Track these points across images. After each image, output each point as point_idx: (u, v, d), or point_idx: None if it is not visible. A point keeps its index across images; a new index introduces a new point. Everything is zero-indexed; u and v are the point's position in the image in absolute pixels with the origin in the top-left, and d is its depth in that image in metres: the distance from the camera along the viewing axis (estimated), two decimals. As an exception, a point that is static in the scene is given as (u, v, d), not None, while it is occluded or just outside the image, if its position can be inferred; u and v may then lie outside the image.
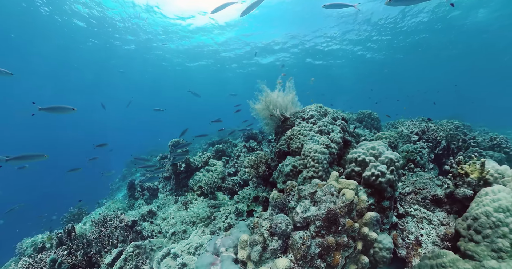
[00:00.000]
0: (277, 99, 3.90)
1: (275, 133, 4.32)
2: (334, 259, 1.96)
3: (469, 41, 19.01)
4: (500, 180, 2.48)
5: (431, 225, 2.68)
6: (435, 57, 23.15)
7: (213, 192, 5.20)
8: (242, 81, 29.11)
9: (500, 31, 17.19)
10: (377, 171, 2.64)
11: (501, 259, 1.88)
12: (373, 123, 6.40)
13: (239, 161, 6.29)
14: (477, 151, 4.71)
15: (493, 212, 2.05)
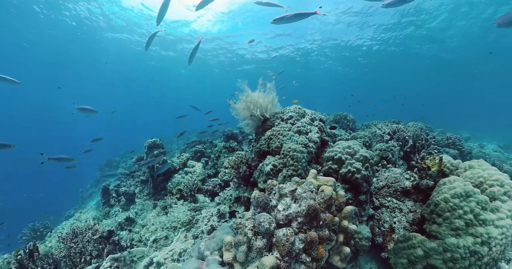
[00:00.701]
0: (258, 99, 3.91)
1: (256, 133, 4.33)
2: (318, 252, 2.03)
3: (433, 58, 21.23)
4: (454, 172, 2.83)
5: (402, 213, 2.96)
6: (405, 68, 25.39)
7: (193, 195, 5.03)
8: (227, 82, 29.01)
9: (462, 53, 19.55)
10: (353, 168, 2.79)
11: (458, 236, 2.24)
12: (349, 124, 6.73)
13: (219, 161, 6.15)
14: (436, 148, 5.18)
15: (450, 198, 2.38)
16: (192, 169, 5.87)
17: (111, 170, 11.94)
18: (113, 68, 24.93)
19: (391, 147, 4.60)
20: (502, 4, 12.92)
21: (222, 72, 27.17)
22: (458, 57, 21.15)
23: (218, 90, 32.72)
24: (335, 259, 2.24)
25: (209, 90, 39.34)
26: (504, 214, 2.22)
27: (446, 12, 14.19)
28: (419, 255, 2.33)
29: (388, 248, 2.69)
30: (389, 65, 24.25)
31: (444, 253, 2.21)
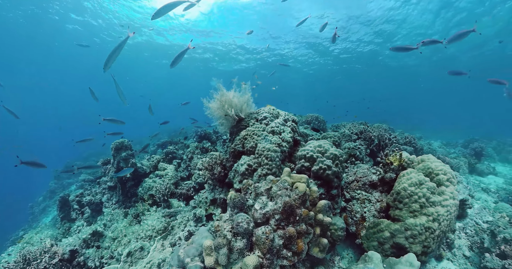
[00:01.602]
0: (233, 99, 3.87)
1: (230, 133, 4.29)
2: (298, 246, 2.10)
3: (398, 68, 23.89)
4: (411, 165, 3.30)
5: (371, 203, 3.26)
6: (372, 75, 27.81)
7: (166, 200, 4.75)
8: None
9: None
10: (324, 165, 2.94)
11: (415, 216, 2.70)
12: (320, 125, 7.07)
13: (192, 163, 5.84)
14: (397, 146, 5.71)
15: (408, 187, 2.83)
16: (163, 172, 5.50)
17: (71, 177, 10.66)
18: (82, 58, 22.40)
19: (358, 145, 4.93)
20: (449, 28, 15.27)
21: (198, 70, 26.38)
22: (418, 70, 24.29)
23: (196, 88, 31.68)
24: (314, 251, 2.35)
25: (187, 88, 37.67)
26: (448, 196, 2.75)
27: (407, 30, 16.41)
28: (387, 237, 2.68)
29: (361, 235, 2.96)
30: (357, 72, 26.21)
31: (405, 232, 2.61)
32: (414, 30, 16.28)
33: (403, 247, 2.56)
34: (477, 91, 34.88)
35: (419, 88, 34.36)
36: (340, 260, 2.90)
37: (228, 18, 15.91)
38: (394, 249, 2.64)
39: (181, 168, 6.01)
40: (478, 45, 17.61)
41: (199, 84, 27.25)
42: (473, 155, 7.78)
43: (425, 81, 29.50)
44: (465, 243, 3.39)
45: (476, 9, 13.35)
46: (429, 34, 16.45)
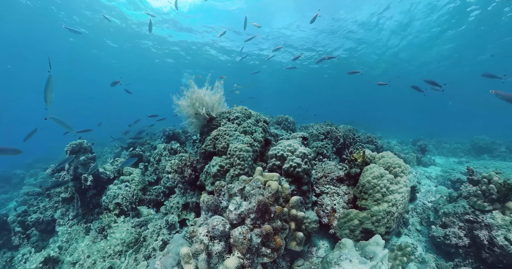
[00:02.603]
0: (204, 97, 3.73)
1: (200, 133, 4.14)
2: (276, 242, 2.13)
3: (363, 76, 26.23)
4: (373, 161, 3.70)
5: (339, 196, 3.54)
6: (340, 80, 29.67)
7: (135, 208, 4.36)
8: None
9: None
10: (294, 163, 3.06)
11: (378, 204, 3.06)
12: (289, 126, 7.32)
13: (160, 166, 5.46)
14: (360, 145, 6.19)
15: (371, 179, 3.20)
16: (129, 177, 5.02)
17: (8, 191, 8.98)
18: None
19: (325, 144, 5.22)
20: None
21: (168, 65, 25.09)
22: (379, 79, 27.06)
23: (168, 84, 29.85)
24: (292, 245, 2.43)
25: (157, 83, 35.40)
26: (402, 184, 3.22)
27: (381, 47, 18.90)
28: (356, 224, 2.98)
29: (334, 225, 3.21)
30: (327, 77, 27.78)
31: (371, 218, 2.95)
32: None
33: (371, 230, 2.89)
34: (423, 99, 40.25)
35: (380, 95, 38.49)
36: (317, 250, 3.10)
37: (206, 17, 15.66)
38: (363, 233, 2.94)
39: (148, 172, 5.59)
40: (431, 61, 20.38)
41: (170, 81, 26.10)
42: (419, 150, 9.10)
43: (385, 90, 32.95)
44: (416, 220, 4.14)
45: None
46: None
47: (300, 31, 17.26)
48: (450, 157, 9.94)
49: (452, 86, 23.28)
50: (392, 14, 14.31)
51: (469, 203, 3.30)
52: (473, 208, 3.21)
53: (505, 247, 2.64)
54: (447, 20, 14.06)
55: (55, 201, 5.04)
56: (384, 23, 15.34)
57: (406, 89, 30.59)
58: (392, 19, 14.83)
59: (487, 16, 13.09)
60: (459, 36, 15.65)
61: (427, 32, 15.79)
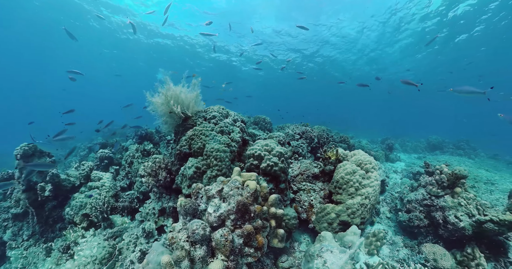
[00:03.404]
0: (180, 94, 3.56)
1: (175, 132, 3.97)
2: (258, 241, 2.13)
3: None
4: (346, 158, 3.90)
5: (315, 192, 3.71)
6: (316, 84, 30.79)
7: (107, 218, 3.93)
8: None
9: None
10: (271, 162, 3.13)
11: (352, 198, 3.25)
12: (266, 126, 7.41)
13: (132, 169, 5.09)
14: (334, 144, 6.50)
15: (345, 175, 3.42)
16: (99, 183, 4.57)
17: None
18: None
19: (301, 144, 5.39)
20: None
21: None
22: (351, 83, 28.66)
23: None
24: (274, 242, 2.47)
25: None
26: (373, 179, 3.47)
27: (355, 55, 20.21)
28: (333, 217, 3.19)
29: (312, 220, 3.37)
30: (305, 80, 28.71)
31: (347, 211, 3.17)
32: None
33: (347, 222, 3.11)
34: (390, 101, 43.70)
35: (352, 98, 41.10)
36: (299, 245, 3.23)
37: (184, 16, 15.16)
38: (341, 225, 3.15)
39: (120, 176, 5.18)
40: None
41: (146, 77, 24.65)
42: (387, 148, 9.99)
43: (358, 93, 35.33)
44: (386, 209, 4.59)
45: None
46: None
47: (280, 35, 17.67)
48: (412, 153, 11.05)
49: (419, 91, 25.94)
50: (368, 25, 15.59)
51: (427, 191, 3.85)
52: (429, 195, 3.77)
53: (456, 223, 3.17)
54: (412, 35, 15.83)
55: (3, 218, 4.16)
56: (361, 31, 16.50)
57: (375, 93, 32.95)
58: (367, 28, 16.04)
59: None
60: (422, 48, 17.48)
61: (397, 42, 17.36)
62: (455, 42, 15.65)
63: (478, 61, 17.46)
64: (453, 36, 14.99)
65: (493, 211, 3.08)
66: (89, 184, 4.51)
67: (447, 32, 14.63)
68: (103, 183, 4.58)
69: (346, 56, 20.90)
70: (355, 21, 15.27)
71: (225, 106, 4.22)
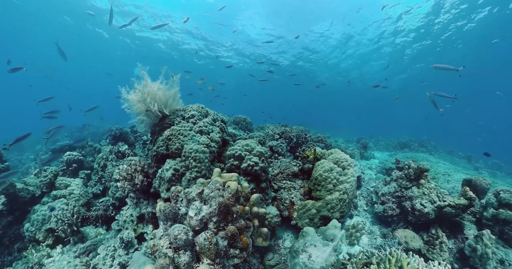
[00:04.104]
0: (157, 92, 3.39)
1: (152, 132, 3.80)
2: (243, 242, 2.12)
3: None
4: (323, 157, 4.07)
5: (296, 190, 3.82)
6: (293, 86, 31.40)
7: (77, 231, 3.51)
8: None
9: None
10: (252, 162, 3.14)
11: (331, 193, 3.44)
12: (247, 126, 7.43)
13: (106, 173, 4.68)
14: (312, 143, 6.72)
15: (323, 173, 3.58)
16: (66, 191, 4.09)
17: None
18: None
19: (280, 143, 5.49)
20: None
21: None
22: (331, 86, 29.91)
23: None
24: (259, 241, 2.48)
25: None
26: (350, 175, 3.65)
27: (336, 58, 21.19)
28: (314, 213, 3.33)
29: (294, 217, 3.47)
30: (285, 82, 29.22)
31: (326, 206, 3.33)
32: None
33: (328, 217, 3.27)
34: (365, 104, 46.40)
35: (329, 99, 43.39)
36: (284, 242, 3.32)
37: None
38: (322, 220, 3.30)
39: (92, 182, 4.76)
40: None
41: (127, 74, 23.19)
42: (362, 147, 10.65)
43: (334, 94, 37.41)
44: (363, 202, 4.91)
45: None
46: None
47: (262, 35, 17.82)
48: (384, 151, 11.91)
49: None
50: (336, 34, 16.72)
51: (398, 184, 4.28)
52: (400, 187, 4.21)
53: (421, 210, 3.64)
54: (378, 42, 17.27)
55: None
56: (332, 37, 17.59)
57: (351, 94, 34.63)
58: (337, 35, 17.14)
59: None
60: (388, 54, 19.02)
61: (365, 48, 18.80)
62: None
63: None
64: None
65: (450, 197, 3.65)
66: (54, 193, 3.99)
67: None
68: (72, 190, 4.13)
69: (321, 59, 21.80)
70: (336, 29, 16.24)
71: (205, 105, 4.10)
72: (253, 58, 22.39)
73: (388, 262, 1.76)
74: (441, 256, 3.21)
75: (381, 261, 1.92)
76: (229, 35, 18.06)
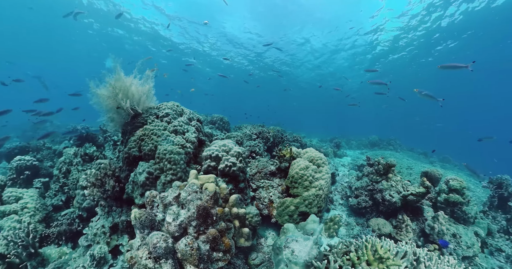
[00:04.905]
0: (130, 87, 3.13)
1: (123, 132, 3.52)
2: (225, 244, 2.08)
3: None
4: (299, 156, 4.19)
5: (274, 188, 3.90)
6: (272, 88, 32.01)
7: (35, 253, 2.95)
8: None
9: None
10: (230, 162, 3.08)
11: (308, 190, 3.55)
12: (224, 126, 7.36)
13: (70, 180, 4.11)
14: (288, 143, 6.90)
15: (299, 171, 3.72)
16: (18, 205, 3.43)
17: None
18: None
19: (258, 143, 5.52)
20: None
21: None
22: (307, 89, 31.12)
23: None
24: (241, 242, 2.45)
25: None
26: (324, 172, 3.86)
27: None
28: (293, 209, 3.43)
29: (274, 214, 3.55)
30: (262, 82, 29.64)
31: (304, 202, 3.45)
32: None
33: (306, 212, 3.39)
34: (337, 105, 49.15)
35: (303, 101, 45.35)
36: (266, 240, 3.35)
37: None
38: (301, 216, 3.41)
39: (51, 192, 4.17)
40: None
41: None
42: (335, 146, 11.36)
43: (309, 97, 39.01)
44: (338, 197, 5.23)
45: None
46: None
47: (243, 33, 17.82)
48: (356, 150, 12.77)
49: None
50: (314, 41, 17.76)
51: (369, 178, 4.66)
52: (371, 181, 4.60)
53: (390, 200, 4.06)
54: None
55: None
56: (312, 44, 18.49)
57: (324, 96, 36.20)
58: (313, 42, 18.12)
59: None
60: (349, 57, 20.47)
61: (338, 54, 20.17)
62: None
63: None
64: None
65: (412, 187, 4.14)
66: (1, 209, 3.34)
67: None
68: (25, 204, 3.51)
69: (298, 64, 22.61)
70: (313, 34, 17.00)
71: (181, 103, 3.91)
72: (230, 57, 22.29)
73: (365, 248, 1.91)
74: (407, 237, 3.69)
75: (359, 248, 2.07)
76: (208, 32, 17.79)
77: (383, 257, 1.76)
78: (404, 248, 2.07)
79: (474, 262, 3.51)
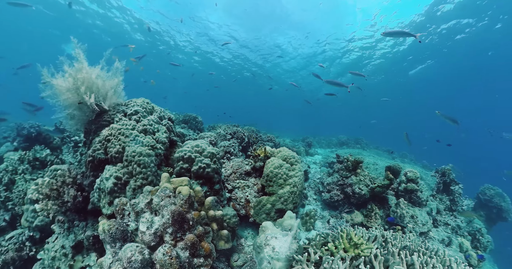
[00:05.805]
0: (96, 80, 2.74)
1: (85, 132, 3.13)
2: (205, 249, 2.02)
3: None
4: (273, 155, 4.27)
5: (250, 188, 3.95)
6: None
7: None
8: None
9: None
10: (203, 164, 3.00)
11: (282, 188, 3.69)
12: (197, 125, 7.16)
13: (14, 193, 3.41)
14: (262, 143, 7.00)
15: (273, 169, 3.80)
16: None
17: None
18: None
19: (232, 143, 5.49)
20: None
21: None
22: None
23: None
24: (221, 244, 2.42)
25: None
26: (297, 170, 3.98)
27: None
28: (269, 208, 3.53)
29: (251, 214, 3.61)
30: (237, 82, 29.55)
31: (280, 199, 3.56)
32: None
33: (283, 209, 3.50)
34: (308, 107, 51.38)
35: (275, 102, 46.71)
36: (246, 240, 3.43)
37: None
38: (278, 213, 3.51)
39: None
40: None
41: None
42: (307, 145, 11.96)
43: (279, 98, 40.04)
44: (312, 193, 5.58)
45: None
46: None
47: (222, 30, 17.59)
48: (326, 148, 13.51)
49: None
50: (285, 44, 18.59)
51: (339, 174, 5.06)
52: (341, 177, 4.98)
53: (360, 192, 4.50)
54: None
55: None
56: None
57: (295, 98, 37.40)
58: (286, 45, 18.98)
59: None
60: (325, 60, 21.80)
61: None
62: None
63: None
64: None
65: (378, 180, 4.71)
66: None
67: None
68: None
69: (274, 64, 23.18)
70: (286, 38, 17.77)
71: (151, 101, 3.62)
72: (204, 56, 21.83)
73: (341, 238, 2.07)
74: (376, 223, 4.22)
75: (335, 238, 2.24)
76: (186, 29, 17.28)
77: (358, 243, 1.97)
78: (375, 233, 2.33)
79: (429, 235, 4.34)
